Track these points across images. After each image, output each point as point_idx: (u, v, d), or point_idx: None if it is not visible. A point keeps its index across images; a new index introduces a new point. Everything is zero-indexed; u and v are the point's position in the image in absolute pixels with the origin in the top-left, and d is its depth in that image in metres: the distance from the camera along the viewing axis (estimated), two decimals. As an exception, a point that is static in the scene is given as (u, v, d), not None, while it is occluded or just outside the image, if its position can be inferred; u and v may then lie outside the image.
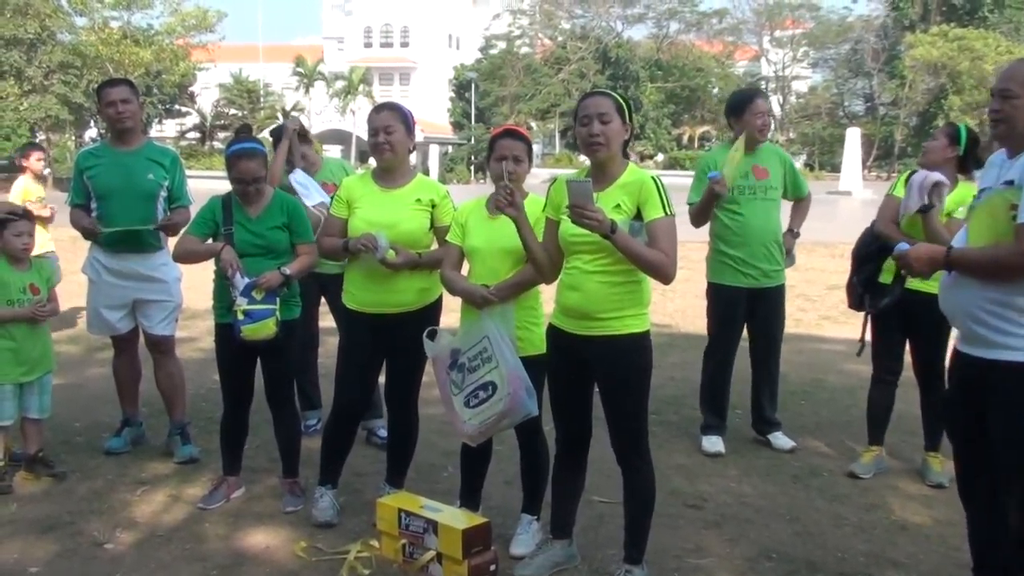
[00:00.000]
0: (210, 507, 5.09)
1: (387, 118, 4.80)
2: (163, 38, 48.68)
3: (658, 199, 3.91)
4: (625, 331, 3.98)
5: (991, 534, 3.76)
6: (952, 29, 56.98)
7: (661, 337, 9.30)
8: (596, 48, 64.89)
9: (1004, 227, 3.43)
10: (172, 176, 5.81)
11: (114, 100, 5.67)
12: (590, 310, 4.00)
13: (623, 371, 4.04)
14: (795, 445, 6.14)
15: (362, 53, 73.90)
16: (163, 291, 5.84)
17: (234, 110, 59.55)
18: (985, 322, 3.48)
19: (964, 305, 3.55)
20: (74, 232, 5.96)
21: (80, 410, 6.78)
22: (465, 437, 4.45)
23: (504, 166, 4.30)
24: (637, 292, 4.00)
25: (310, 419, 6.22)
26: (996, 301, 3.45)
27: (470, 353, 4.29)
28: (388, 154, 4.79)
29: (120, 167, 5.68)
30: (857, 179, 40.31)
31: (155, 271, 5.80)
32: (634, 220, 3.93)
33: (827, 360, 8.76)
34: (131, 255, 5.75)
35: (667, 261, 3.88)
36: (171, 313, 5.91)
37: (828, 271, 14.54)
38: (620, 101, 4.05)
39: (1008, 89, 3.52)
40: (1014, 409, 3.46)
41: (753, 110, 6.02)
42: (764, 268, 6.03)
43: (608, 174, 4.04)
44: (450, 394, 4.41)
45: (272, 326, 4.85)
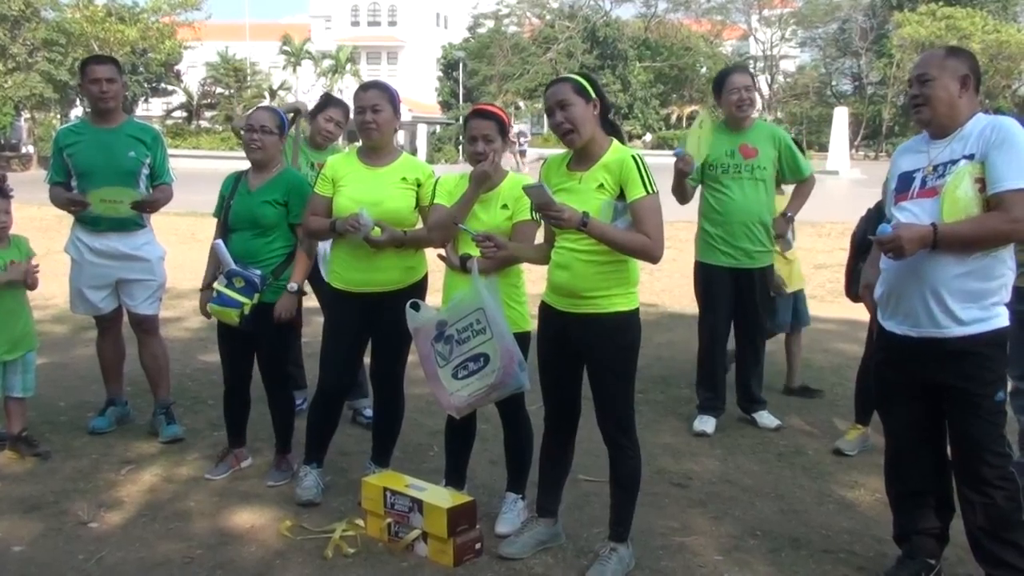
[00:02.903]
0: (216, 477, 5.17)
1: (374, 96, 4.78)
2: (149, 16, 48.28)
3: (639, 177, 3.89)
4: (611, 309, 3.98)
5: (920, 505, 3.99)
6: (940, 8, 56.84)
7: (649, 316, 9.31)
8: (584, 27, 64.59)
9: (971, 200, 3.57)
10: (154, 153, 5.76)
11: (99, 78, 5.62)
12: (577, 288, 4.00)
13: (609, 349, 4.04)
14: (781, 424, 6.16)
15: (349, 32, 73.49)
16: (146, 270, 5.81)
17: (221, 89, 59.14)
18: (960, 298, 3.62)
19: (932, 283, 3.64)
20: (58, 211, 5.92)
21: (64, 390, 6.75)
22: (451, 409, 4.41)
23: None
24: (624, 271, 3.99)
25: (296, 399, 6.20)
26: (973, 275, 3.60)
27: (459, 325, 4.26)
28: (375, 133, 4.78)
29: (101, 144, 5.64)
30: (844, 159, 40.27)
31: (138, 250, 5.76)
32: (617, 200, 3.92)
33: (813, 339, 8.75)
34: (113, 234, 5.71)
35: (649, 243, 3.87)
36: (154, 292, 5.88)
37: (815, 250, 14.55)
38: (578, 81, 4.02)
39: (925, 74, 3.72)
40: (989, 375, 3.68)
41: (728, 86, 6.00)
42: (747, 248, 5.98)
43: (589, 154, 4.03)
44: (435, 366, 4.37)
45: (234, 316, 4.89)
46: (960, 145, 3.66)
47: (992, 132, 3.59)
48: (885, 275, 3.84)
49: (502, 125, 4.45)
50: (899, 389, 3.89)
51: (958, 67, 3.70)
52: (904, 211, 3.75)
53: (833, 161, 40.07)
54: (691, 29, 69.25)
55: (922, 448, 3.93)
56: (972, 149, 3.62)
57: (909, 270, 3.66)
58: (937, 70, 3.70)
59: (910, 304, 3.71)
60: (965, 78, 3.69)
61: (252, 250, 5.01)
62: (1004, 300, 3.69)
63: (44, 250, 5.68)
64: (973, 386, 3.67)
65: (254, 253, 5.01)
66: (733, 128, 6.02)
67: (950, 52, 3.79)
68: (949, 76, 3.68)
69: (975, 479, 3.75)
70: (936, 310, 3.65)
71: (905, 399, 3.88)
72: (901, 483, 4.03)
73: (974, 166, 3.59)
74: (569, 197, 3.98)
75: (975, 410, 3.69)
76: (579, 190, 4.00)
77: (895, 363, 3.88)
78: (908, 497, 4.02)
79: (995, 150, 3.56)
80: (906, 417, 3.92)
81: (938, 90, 3.69)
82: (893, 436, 4.04)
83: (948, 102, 3.69)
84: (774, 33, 69.99)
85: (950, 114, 3.70)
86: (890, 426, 4.06)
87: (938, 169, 3.68)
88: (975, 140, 3.62)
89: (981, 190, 3.58)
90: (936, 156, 3.72)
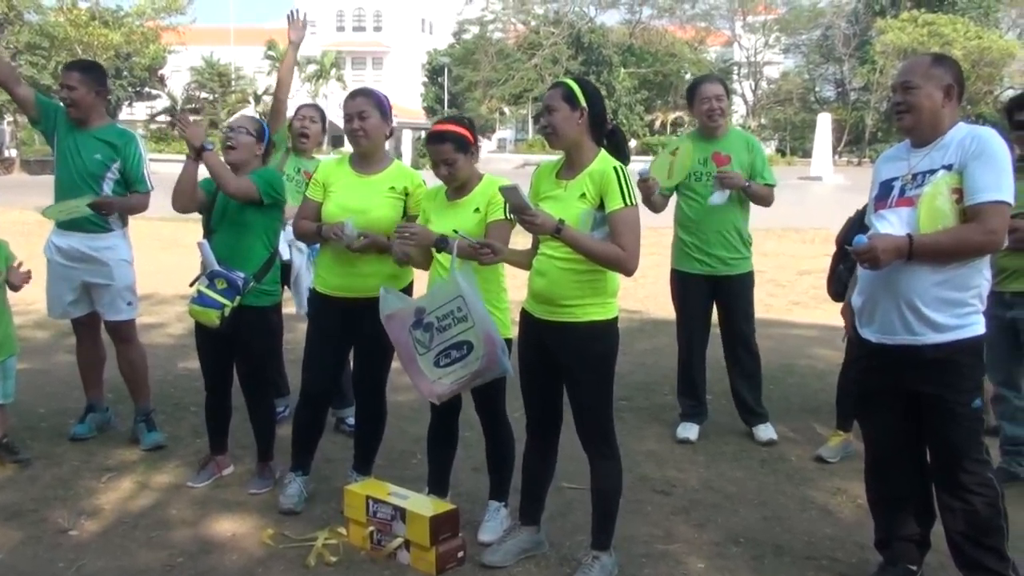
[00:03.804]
0: (198, 485, 5.13)
1: (361, 104, 4.77)
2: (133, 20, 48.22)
3: (618, 189, 3.89)
4: (586, 318, 3.98)
5: (900, 511, 4.00)
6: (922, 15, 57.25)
7: (631, 323, 9.33)
8: (569, 33, 64.73)
9: (948, 211, 3.59)
10: (124, 157, 5.67)
11: (64, 84, 5.63)
12: (553, 295, 4.01)
13: (585, 358, 4.05)
14: (773, 438, 6.05)
15: (334, 37, 73.46)
16: (104, 274, 5.70)
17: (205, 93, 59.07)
18: (935, 307, 3.63)
19: (906, 293, 3.66)
20: (40, 217, 5.89)
21: (45, 396, 6.72)
22: (432, 396, 4.38)
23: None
24: (601, 281, 3.99)
25: (278, 406, 6.18)
26: (948, 284, 3.62)
27: (439, 312, 4.23)
28: (363, 140, 4.78)
29: (71, 147, 5.62)
30: (828, 164, 40.45)
31: (98, 252, 5.68)
32: (597, 210, 3.92)
33: (796, 345, 8.80)
34: (75, 234, 5.66)
35: (622, 255, 3.87)
36: (116, 298, 5.76)
37: (799, 256, 14.59)
38: (570, 88, 4.02)
39: (909, 81, 3.73)
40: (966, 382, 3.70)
41: (700, 95, 5.97)
42: (721, 255, 5.95)
43: (576, 162, 4.04)
44: (415, 354, 4.34)
45: (215, 318, 4.86)
46: (940, 154, 3.67)
47: (971, 143, 3.60)
48: (862, 284, 3.86)
49: (461, 141, 4.37)
50: (878, 397, 3.91)
51: (943, 76, 3.70)
52: (882, 219, 3.76)
53: (817, 167, 40.24)
54: (675, 35, 69.50)
55: (902, 455, 3.94)
56: (951, 159, 3.63)
57: (885, 280, 3.67)
58: (922, 78, 3.70)
59: (886, 313, 3.72)
60: (949, 87, 3.69)
61: (233, 252, 4.99)
62: (980, 309, 3.71)
63: (26, 254, 5.62)
64: (950, 393, 3.68)
65: (235, 255, 4.99)
66: (707, 136, 6.01)
67: (935, 60, 3.79)
68: (934, 85, 3.69)
69: (954, 485, 3.76)
70: (911, 319, 3.66)
71: (884, 406, 3.90)
72: (882, 489, 4.05)
73: (952, 176, 3.61)
74: (554, 204, 3.99)
75: (953, 417, 3.71)
76: (563, 198, 4.00)
77: (873, 371, 3.89)
78: (889, 503, 4.03)
79: (973, 161, 3.57)
80: (885, 424, 3.93)
81: (922, 98, 3.69)
82: (873, 443, 4.05)
83: (931, 111, 3.69)
84: (758, 39, 70.32)
85: (933, 123, 3.71)
86: (870, 433, 4.07)
87: (917, 178, 3.70)
88: (954, 150, 3.64)
89: (958, 200, 3.59)
90: (916, 164, 3.73)
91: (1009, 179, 3.58)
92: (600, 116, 4.08)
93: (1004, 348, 5.03)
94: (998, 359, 5.00)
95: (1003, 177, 3.57)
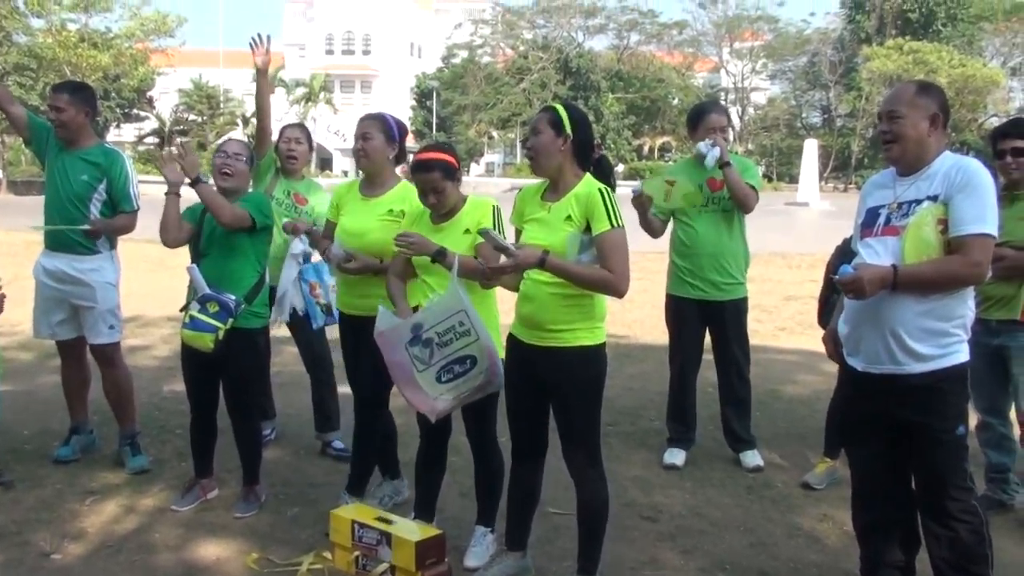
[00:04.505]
0: (182, 508, 5.10)
1: (366, 126, 4.92)
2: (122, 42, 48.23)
3: (604, 211, 3.89)
4: (575, 343, 3.98)
5: (886, 538, 4.00)
6: (907, 42, 57.71)
7: (619, 348, 9.32)
8: (557, 58, 64.99)
9: (933, 241, 3.61)
10: (110, 177, 5.66)
11: (52, 106, 5.63)
12: (541, 321, 4.01)
13: (573, 383, 4.04)
14: (760, 465, 6.04)
15: (323, 60, 73.56)
16: (90, 296, 5.68)
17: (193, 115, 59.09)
18: (919, 337, 3.65)
19: (891, 323, 3.67)
20: (27, 236, 5.88)
21: (29, 417, 6.67)
22: (432, 413, 4.38)
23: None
24: (589, 305, 4.00)
25: (264, 429, 6.16)
26: (932, 314, 3.64)
27: (439, 327, 4.22)
28: (363, 160, 4.94)
29: (59, 168, 5.63)
30: (814, 190, 40.62)
31: (83, 274, 5.66)
32: (584, 233, 3.92)
33: (783, 371, 8.81)
34: (62, 255, 5.66)
35: (611, 278, 3.87)
36: (99, 321, 5.73)
37: (785, 282, 14.63)
38: (556, 112, 4.03)
39: (895, 111, 3.74)
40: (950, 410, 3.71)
41: (705, 124, 5.97)
42: (715, 280, 5.95)
43: (559, 186, 4.05)
44: (412, 371, 4.33)
45: (209, 341, 4.85)
46: (926, 184, 3.69)
47: (957, 174, 3.62)
48: (847, 314, 3.87)
49: (448, 168, 4.38)
50: (863, 424, 3.91)
51: (928, 105, 3.72)
52: (868, 247, 3.78)
53: (803, 193, 40.41)
54: (663, 61, 69.82)
55: (887, 482, 3.94)
56: (937, 190, 3.65)
57: (870, 309, 3.69)
58: (907, 107, 3.72)
59: (871, 342, 3.73)
60: (935, 116, 3.71)
61: (223, 275, 4.99)
62: (964, 338, 3.73)
63: (11, 276, 5.61)
64: (934, 421, 3.69)
65: (225, 278, 4.99)
66: (702, 162, 6.02)
67: (920, 89, 3.80)
68: (919, 114, 3.70)
69: (939, 513, 3.77)
70: (895, 348, 3.67)
71: (869, 434, 3.90)
72: (867, 516, 4.05)
73: (937, 207, 3.63)
74: (540, 227, 4.00)
75: (937, 445, 3.71)
76: (548, 220, 4.01)
77: (859, 399, 3.90)
78: (874, 530, 4.03)
79: (959, 193, 3.59)
80: (871, 452, 3.93)
81: (907, 128, 3.71)
82: (859, 470, 4.06)
83: (917, 140, 3.71)
84: (745, 65, 70.70)
85: (919, 152, 3.73)
86: (855, 461, 4.07)
87: (903, 207, 3.72)
88: (940, 181, 3.65)
89: (943, 231, 3.61)
90: (902, 194, 3.75)
91: (994, 212, 3.61)
92: (586, 143, 4.08)
93: (989, 376, 5.05)
94: (983, 387, 5.02)
95: (988, 210, 3.59)
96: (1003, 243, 4.42)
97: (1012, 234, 4.76)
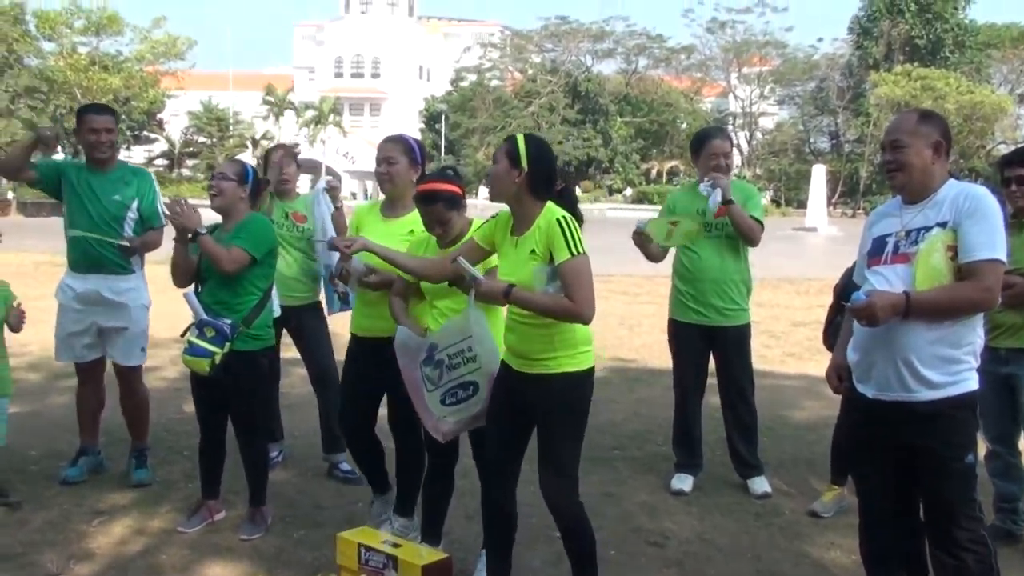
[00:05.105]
0: (189, 530, 5.10)
1: (389, 149, 4.96)
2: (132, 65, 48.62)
3: (563, 240, 3.86)
4: (559, 370, 3.98)
5: (893, 567, 4.01)
6: (915, 69, 57.80)
7: (628, 372, 9.33)
8: (566, 82, 65.24)
9: (943, 268, 3.62)
10: (141, 196, 5.77)
11: (98, 128, 5.70)
12: (523, 350, 4.04)
13: (557, 410, 4.03)
14: (768, 491, 6.01)
15: (333, 83, 73.98)
16: (124, 318, 5.77)
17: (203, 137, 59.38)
18: (931, 364, 3.64)
19: (902, 350, 3.66)
20: (37, 258, 5.91)
21: (38, 438, 6.68)
22: (438, 433, 4.40)
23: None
24: (568, 333, 3.98)
25: (272, 451, 6.17)
26: (943, 341, 3.64)
27: (450, 350, 4.24)
28: (387, 185, 4.99)
29: (90, 189, 5.68)
30: (822, 216, 40.67)
31: (120, 295, 5.74)
32: (549, 264, 3.90)
33: (791, 397, 8.79)
34: (96, 276, 5.71)
35: (572, 308, 3.84)
36: (134, 343, 5.84)
37: (793, 307, 14.61)
38: (515, 144, 4.02)
39: (898, 140, 3.76)
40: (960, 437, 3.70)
41: (708, 150, 5.98)
42: (717, 306, 5.95)
43: (522, 217, 4.04)
44: (423, 389, 4.36)
45: (205, 366, 4.87)
46: (934, 212, 3.70)
47: (965, 201, 3.64)
48: (857, 341, 3.86)
49: (452, 199, 4.44)
50: (871, 452, 3.90)
51: (931, 133, 3.74)
52: (877, 275, 3.79)
53: (811, 218, 40.44)
54: (671, 85, 70.01)
55: (895, 511, 3.92)
56: (945, 217, 3.66)
57: (881, 336, 3.69)
58: (910, 136, 3.74)
59: (882, 369, 3.73)
60: (938, 144, 3.73)
61: (222, 299, 5.02)
62: (974, 365, 3.72)
63: (21, 296, 5.62)
64: (943, 448, 3.68)
65: (224, 302, 5.01)
66: None
67: (922, 117, 3.82)
68: (923, 143, 3.72)
69: (947, 542, 3.75)
70: (907, 375, 3.67)
71: (877, 462, 3.89)
72: (875, 545, 4.03)
73: (947, 234, 3.64)
74: (507, 263, 4.05)
75: (946, 473, 3.70)
76: (514, 255, 4.02)
77: (867, 426, 3.89)
78: (882, 559, 4.01)
79: (968, 219, 3.61)
80: (879, 480, 3.92)
81: (911, 156, 3.73)
82: (866, 499, 4.04)
83: (922, 168, 3.73)
84: (753, 90, 70.77)
85: (924, 180, 3.74)
86: (863, 489, 4.06)
87: (911, 235, 3.73)
88: (948, 208, 3.67)
89: (953, 258, 3.62)
90: (909, 222, 3.76)
91: (1002, 237, 3.62)
92: (545, 175, 4.03)
93: (998, 404, 5.03)
94: (992, 415, 5.00)
95: (997, 236, 3.60)
96: (1011, 271, 4.42)
97: (1021, 262, 4.76)
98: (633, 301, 15.09)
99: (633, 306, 14.52)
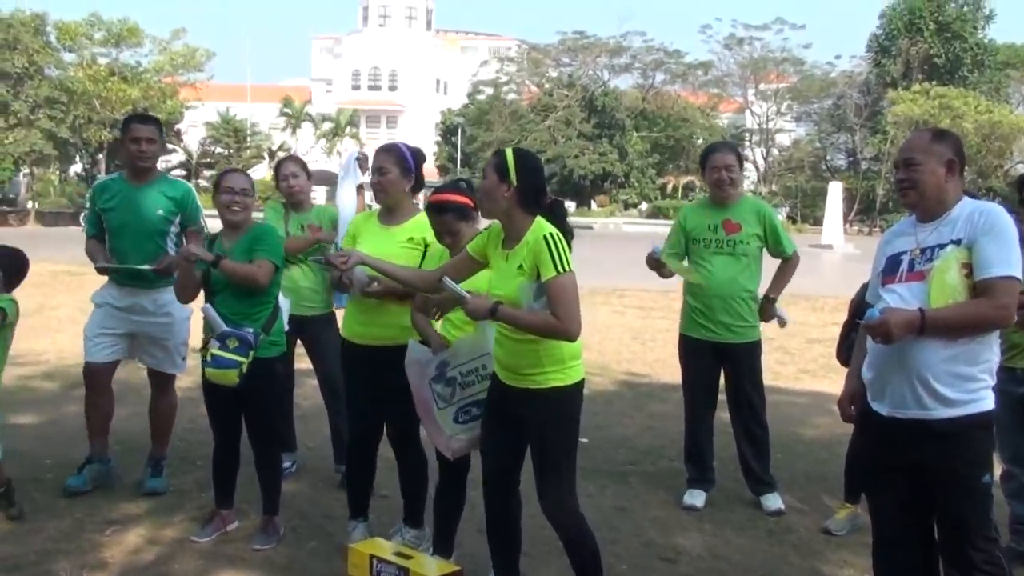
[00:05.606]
0: (202, 540, 5.10)
1: (382, 159, 5.01)
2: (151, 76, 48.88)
3: (549, 258, 3.86)
4: (547, 385, 3.99)
5: None
6: (933, 87, 57.63)
7: (640, 387, 9.31)
8: (582, 96, 65.29)
9: (958, 285, 3.61)
10: (183, 210, 5.83)
11: (140, 137, 5.73)
12: (511, 365, 4.06)
13: (547, 423, 4.04)
14: (781, 508, 5.98)
15: (350, 95, 74.26)
16: (167, 330, 5.86)
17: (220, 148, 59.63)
18: (947, 382, 3.63)
19: (918, 368, 3.65)
20: (53, 267, 5.94)
21: (52, 447, 6.70)
22: (447, 451, 4.41)
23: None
24: (555, 348, 3.98)
25: (285, 461, 6.17)
26: (959, 358, 3.63)
27: (464, 368, 4.26)
28: (381, 194, 5.02)
29: (131, 203, 5.73)
30: (839, 233, 40.52)
31: (164, 307, 5.80)
32: (536, 281, 3.90)
33: (804, 414, 8.76)
34: (141, 291, 5.77)
35: (557, 325, 3.85)
36: (175, 352, 5.92)
37: (808, 324, 14.55)
38: (504, 159, 4.03)
39: (912, 158, 3.77)
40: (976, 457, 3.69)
41: (711, 163, 5.99)
42: (727, 322, 5.94)
43: (512, 232, 4.05)
44: (432, 407, 4.36)
45: (234, 376, 4.87)
46: (948, 229, 3.70)
47: (980, 218, 3.64)
48: (871, 359, 3.85)
49: (462, 210, 4.49)
50: (886, 471, 3.88)
51: (944, 152, 3.74)
52: (892, 293, 3.78)
53: (827, 235, 40.29)
54: (688, 101, 70.00)
55: (909, 530, 3.90)
56: (960, 234, 3.66)
57: (896, 354, 3.67)
58: (923, 155, 3.74)
59: (897, 387, 3.71)
60: (951, 162, 3.73)
61: (240, 310, 5.03)
62: (990, 384, 3.70)
63: (37, 305, 5.67)
64: (960, 467, 3.66)
65: (242, 312, 5.02)
66: (717, 204, 6.03)
67: (935, 136, 3.83)
68: (936, 161, 3.72)
69: (962, 563, 3.72)
70: (923, 393, 3.65)
71: (892, 481, 3.87)
72: (888, 565, 4.01)
73: (961, 251, 3.64)
74: (497, 277, 4.07)
75: (961, 492, 3.68)
76: (504, 270, 4.04)
77: (882, 445, 3.87)
78: None
79: (983, 236, 3.61)
80: (893, 499, 3.90)
81: (925, 175, 3.73)
82: (880, 518, 4.02)
83: (935, 186, 3.73)
84: (770, 107, 70.75)
85: (938, 198, 3.74)
86: (877, 508, 4.04)
87: (925, 253, 3.72)
88: (963, 225, 3.67)
89: (968, 275, 3.62)
90: (923, 239, 3.76)
91: (1018, 255, 3.61)
92: (535, 190, 4.05)
93: (1013, 425, 5.00)
94: (1007, 435, 4.98)
95: (1012, 253, 3.60)
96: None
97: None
98: (647, 316, 15.08)
99: (647, 321, 14.52)
